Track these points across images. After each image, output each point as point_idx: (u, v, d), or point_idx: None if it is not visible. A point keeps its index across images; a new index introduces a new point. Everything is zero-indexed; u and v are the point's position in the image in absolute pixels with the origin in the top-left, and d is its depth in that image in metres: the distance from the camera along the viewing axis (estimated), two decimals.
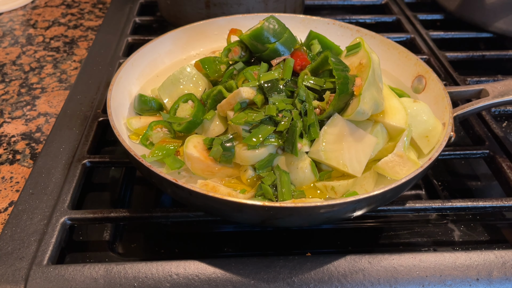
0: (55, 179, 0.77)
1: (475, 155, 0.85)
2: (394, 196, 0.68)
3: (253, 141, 0.69)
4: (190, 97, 0.79)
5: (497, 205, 0.74)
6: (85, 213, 0.71)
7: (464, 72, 1.07)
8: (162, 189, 0.68)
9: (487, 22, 1.21)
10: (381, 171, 0.72)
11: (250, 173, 0.71)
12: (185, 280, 0.62)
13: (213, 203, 0.61)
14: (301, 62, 0.77)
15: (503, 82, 0.82)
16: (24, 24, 1.38)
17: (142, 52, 0.90)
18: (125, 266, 0.63)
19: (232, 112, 0.73)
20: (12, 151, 0.93)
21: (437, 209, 0.74)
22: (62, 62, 1.21)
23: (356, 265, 0.64)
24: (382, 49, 0.94)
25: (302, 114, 0.71)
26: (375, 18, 1.31)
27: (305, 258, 0.65)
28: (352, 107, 0.70)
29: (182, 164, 0.73)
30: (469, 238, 0.79)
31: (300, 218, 0.64)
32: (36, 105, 1.05)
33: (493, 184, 0.90)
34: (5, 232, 0.68)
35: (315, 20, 1.01)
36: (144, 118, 0.82)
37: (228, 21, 1.00)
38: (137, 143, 0.78)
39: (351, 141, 0.70)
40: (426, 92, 0.86)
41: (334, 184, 0.69)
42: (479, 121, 0.92)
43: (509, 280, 0.64)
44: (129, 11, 1.31)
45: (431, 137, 0.75)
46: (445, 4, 1.32)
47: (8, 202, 0.81)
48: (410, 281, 0.63)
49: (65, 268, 0.63)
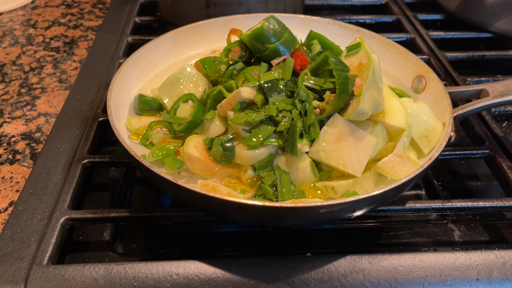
0: (55, 179, 0.77)
1: (475, 155, 0.85)
2: (394, 196, 0.68)
3: (253, 141, 0.69)
4: (190, 97, 0.79)
5: (497, 205, 0.74)
6: (85, 213, 0.71)
7: (464, 72, 1.07)
8: (162, 189, 0.68)
9: (487, 22, 1.21)
10: (381, 171, 0.72)
11: (250, 173, 0.71)
12: (185, 280, 0.62)
13: (213, 203, 0.61)
14: (301, 62, 0.77)
15: (503, 82, 0.82)
16: (24, 24, 1.38)
17: (142, 52, 0.90)
18: (125, 266, 0.63)
19: (232, 112, 0.73)
20: (12, 151, 0.93)
21: (437, 209, 0.74)
22: (62, 62, 1.21)
23: (356, 265, 0.64)
24: (382, 49, 0.94)
25: (302, 114, 0.71)
26: (375, 18, 1.31)
27: (305, 258, 0.65)
28: (352, 107, 0.70)
29: (182, 164, 0.73)
30: (469, 238, 0.79)
31: (300, 218, 0.64)
32: (36, 105, 1.05)
33: (493, 184, 0.90)
34: (5, 232, 0.68)
35: (315, 20, 1.01)
36: (144, 118, 0.82)
37: (228, 21, 1.00)
38: (137, 143, 0.78)
39: (351, 141, 0.70)
40: (426, 92, 0.86)
41: (334, 184, 0.69)
42: (479, 121, 0.92)
43: (509, 280, 0.64)
44: (129, 11, 1.31)
45: (431, 137, 0.75)
46: (445, 4, 1.32)
47: (8, 202, 0.81)
48: (410, 281, 0.63)
49: (65, 268, 0.63)
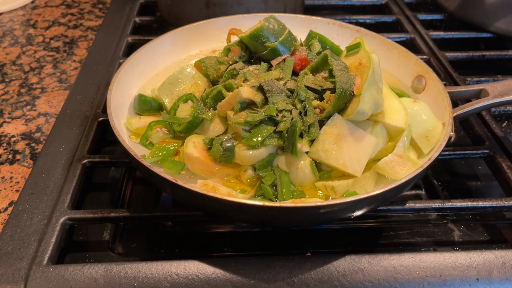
0: (55, 179, 0.77)
1: (475, 155, 0.85)
2: (394, 196, 0.68)
3: (253, 141, 0.69)
4: (190, 97, 0.79)
5: (497, 205, 0.74)
6: (85, 213, 0.71)
7: (464, 72, 1.07)
8: (162, 189, 0.68)
9: (487, 22, 1.21)
10: (381, 171, 0.72)
11: (250, 173, 0.71)
12: (185, 280, 0.62)
13: (213, 203, 0.61)
14: (301, 62, 0.77)
15: (503, 82, 0.82)
16: (24, 24, 1.38)
17: (142, 52, 0.90)
18: (125, 266, 0.63)
19: (232, 112, 0.73)
20: (12, 151, 0.93)
21: (437, 209, 0.74)
22: (62, 62, 1.21)
23: (356, 265, 0.64)
24: (382, 49, 0.94)
25: (302, 114, 0.71)
26: (375, 18, 1.31)
27: (305, 258, 0.65)
28: (352, 107, 0.70)
29: (183, 166, 0.73)
30: (469, 238, 0.79)
31: (300, 218, 0.64)
32: (36, 105, 1.05)
33: (493, 184, 0.90)
34: (5, 232, 0.68)
35: (315, 20, 1.01)
36: (144, 118, 0.82)
37: (228, 21, 1.00)
38: (137, 143, 0.78)
39: (351, 141, 0.70)
40: (426, 92, 0.85)
41: (334, 184, 0.69)
42: (479, 121, 0.92)
43: (509, 280, 0.64)
44: (129, 11, 1.31)
45: (431, 137, 0.75)
46: (445, 4, 1.32)
47: (8, 202, 0.81)
48: (410, 281, 0.63)
49: (65, 268, 0.63)
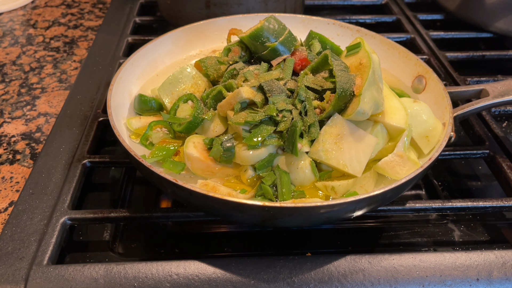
0: (55, 179, 0.77)
1: (475, 155, 0.85)
2: (394, 196, 0.68)
3: (253, 141, 0.69)
4: (190, 97, 0.79)
5: (497, 205, 0.74)
6: (85, 213, 0.71)
7: (464, 72, 1.07)
8: (162, 189, 0.68)
9: (487, 22, 1.21)
10: (381, 171, 0.72)
11: (250, 173, 0.71)
12: (185, 280, 0.62)
13: (213, 203, 0.61)
14: (301, 62, 0.77)
15: (503, 82, 0.82)
16: (24, 24, 1.38)
17: (142, 52, 0.90)
18: (125, 266, 0.63)
19: (232, 112, 0.73)
20: (12, 151, 0.93)
21: (437, 209, 0.74)
22: (62, 62, 1.21)
23: (356, 265, 0.64)
24: (382, 49, 0.94)
25: (302, 114, 0.71)
26: (375, 18, 1.31)
27: (305, 258, 0.65)
28: (352, 107, 0.70)
29: (183, 166, 0.73)
30: (469, 238, 0.79)
31: (300, 218, 0.64)
32: (36, 105, 1.05)
33: (493, 184, 0.90)
34: (5, 232, 0.68)
35: (315, 20, 1.01)
36: (144, 118, 0.82)
37: (228, 21, 1.00)
38: (137, 143, 0.78)
39: (351, 141, 0.70)
40: (426, 92, 0.85)
41: (334, 184, 0.69)
42: (479, 121, 0.92)
43: (509, 280, 0.64)
44: (129, 11, 1.31)
45: (431, 137, 0.75)
46: (445, 4, 1.32)
47: (8, 202, 0.81)
48: (410, 281, 0.63)
49: (65, 268, 0.63)
